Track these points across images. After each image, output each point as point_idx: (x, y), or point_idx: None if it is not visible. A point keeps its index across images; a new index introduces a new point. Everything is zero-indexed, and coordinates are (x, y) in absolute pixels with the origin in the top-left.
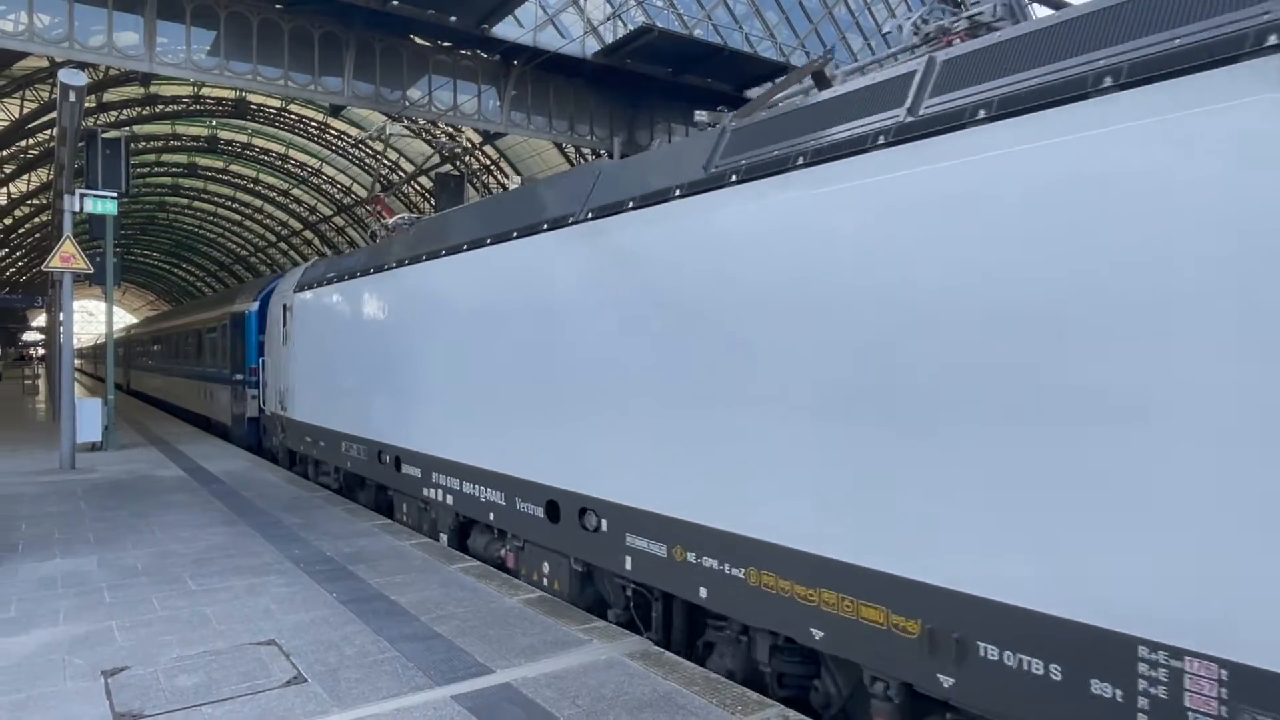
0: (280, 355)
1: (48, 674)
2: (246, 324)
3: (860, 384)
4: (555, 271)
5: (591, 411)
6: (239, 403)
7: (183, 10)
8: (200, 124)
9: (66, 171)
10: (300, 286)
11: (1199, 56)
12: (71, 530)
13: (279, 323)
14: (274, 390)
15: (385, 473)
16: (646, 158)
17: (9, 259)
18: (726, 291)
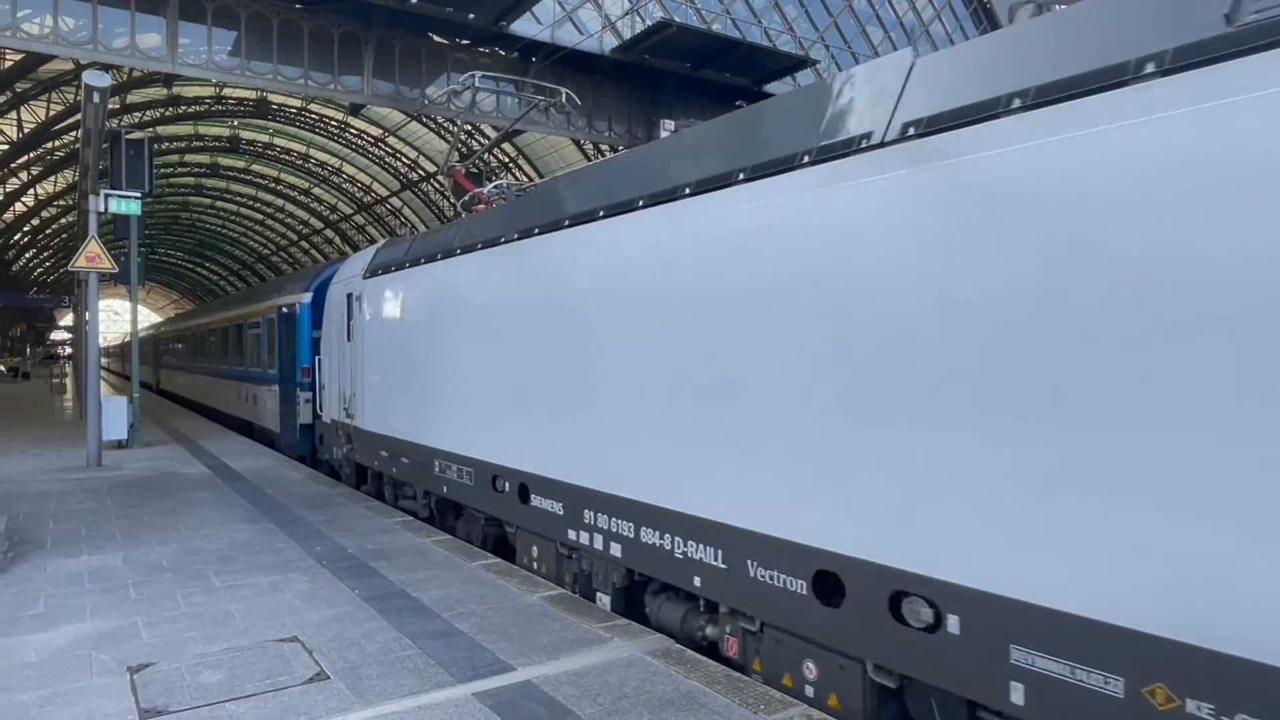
0: (344, 353)
1: (75, 669)
2: (298, 318)
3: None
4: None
5: (936, 435)
6: (289, 407)
7: (204, 11)
8: (222, 124)
9: (91, 172)
10: (372, 271)
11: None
12: (98, 527)
13: (341, 315)
14: (335, 394)
15: (502, 504)
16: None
17: (36, 259)
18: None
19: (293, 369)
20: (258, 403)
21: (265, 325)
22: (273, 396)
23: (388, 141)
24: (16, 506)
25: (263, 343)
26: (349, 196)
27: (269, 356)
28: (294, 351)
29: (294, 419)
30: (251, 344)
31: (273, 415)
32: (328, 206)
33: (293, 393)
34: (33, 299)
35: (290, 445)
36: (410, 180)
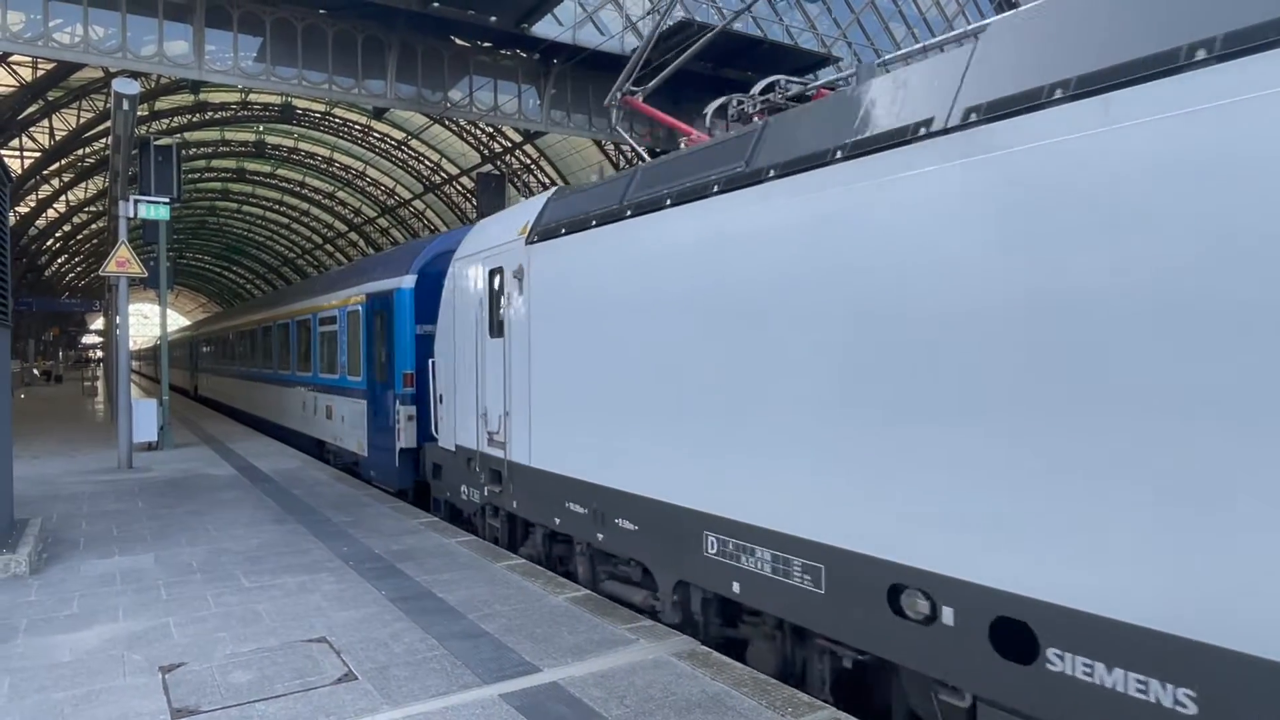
0: (484, 353)
1: (108, 669)
2: (394, 309)
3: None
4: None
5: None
6: (381, 425)
7: (230, 18)
8: (248, 129)
9: (121, 178)
10: (543, 231)
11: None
12: (129, 528)
13: (477, 301)
14: (463, 410)
15: (864, 623)
16: None
17: (68, 264)
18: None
19: (388, 375)
20: (333, 417)
21: (344, 320)
22: (355, 410)
23: (410, 145)
24: (50, 508)
25: (340, 342)
26: (372, 200)
27: (350, 359)
28: (389, 352)
29: (389, 440)
30: (324, 344)
31: (354, 434)
32: (352, 210)
33: (387, 406)
34: (64, 303)
35: (382, 473)
36: (433, 183)
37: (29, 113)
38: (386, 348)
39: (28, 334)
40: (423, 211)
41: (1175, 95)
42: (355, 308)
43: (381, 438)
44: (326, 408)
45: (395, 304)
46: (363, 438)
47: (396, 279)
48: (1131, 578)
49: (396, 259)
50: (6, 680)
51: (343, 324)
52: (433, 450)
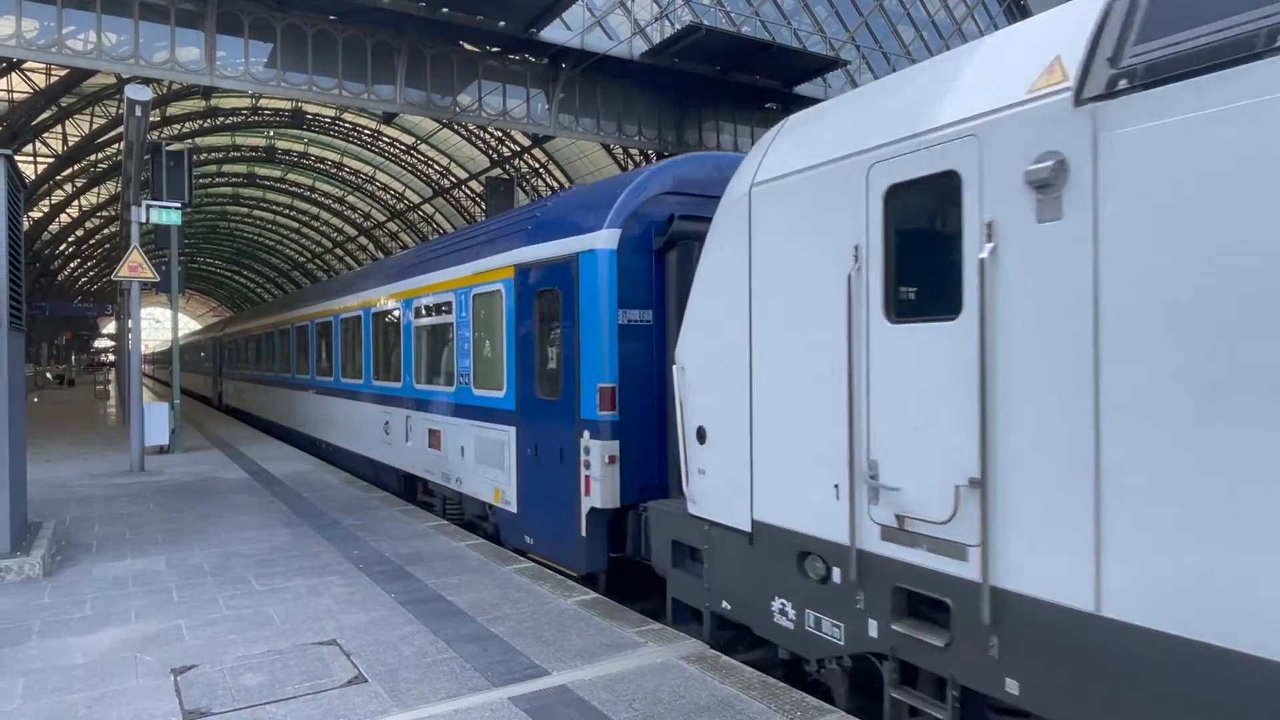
0: (859, 354)
1: (121, 671)
2: (579, 286)
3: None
4: None
5: None
6: (545, 467)
7: (241, 25)
8: (258, 135)
9: (133, 184)
10: (1146, 72)
11: None
12: (141, 531)
13: (836, 251)
14: (772, 458)
15: None
16: None
17: (81, 269)
18: None
19: (563, 390)
20: (441, 447)
21: (466, 307)
22: (490, 440)
23: (419, 149)
24: (64, 511)
25: (459, 339)
26: (382, 204)
27: (481, 365)
28: (566, 354)
29: (565, 492)
30: (424, 343)
31: (486, 475)
32: (361, 214)
33: (560, 438)
34: (77, 308)
35: (548, 542)
36: (442, 187)
37: (43, 118)
38: (561, 347)
39: (41, 338)
40: (432, 215)
41: None
42: (491, 288)
43: (547, 486)
44: (428, 433)
45: (580, 278)
46: (506, 483)
47: (579, 238)
48: None
49: (576, 205)
50: (21, 682)
51: (463, 313)
52: (672, 520)
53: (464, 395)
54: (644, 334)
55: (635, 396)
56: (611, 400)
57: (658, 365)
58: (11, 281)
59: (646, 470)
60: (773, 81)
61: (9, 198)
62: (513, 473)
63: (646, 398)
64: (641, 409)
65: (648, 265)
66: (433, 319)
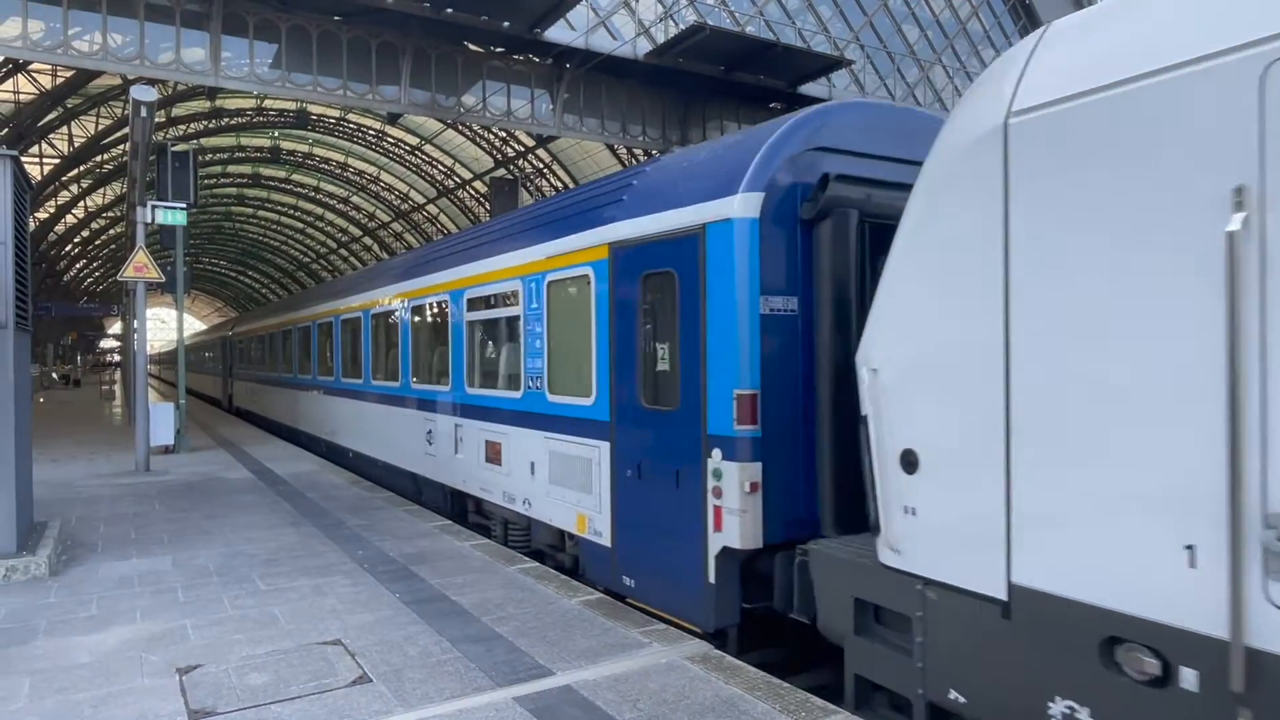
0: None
1: (126, 670)
2: (706, 267)
3: None
4: None
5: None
6: (654, 495)
7: (246, 25)
8: (263, 135)
9: (139, 184)
10: None
11: None
12: (147, 531)
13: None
14: (1071, 492)
15: None
16: None
17: (86, 269)
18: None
19: (681, 398)
20: (503, 461)
21: (539, 296)
22: (573, 457)
23: (424, 150)
24: (69, 510)
25: (530, 335)
26: (386, 204)
27: (559, 367)
28: (686, 353)
29: (688, 531)
30: (479, 340)
31: (568, 499)
32: (366, 214)
33: (685, 463)
34: (83, 308)
35: (658, 588)
36: (446, 188)
37: (48, 120)
38: (678, 344)
39: (47, 338)
40: (436, 216)
41: None
42: (574, 273)
43: (656, 517)
44: (484, 445)
45: (708, 255)
46: (594, 509)
47: (706, 205)
48: None
49: (694, 166)
50: (27, 681)
51: (534, 304)
52: (856, 571)
53: (534, 402)
54: (788, 327)
55: (779, 407)
56: (753, 411)
57: (803, 366)
58: (18, 282)
59: (792, 501)
60: (777, 81)
61: (15, 198)
62: (604, 497)
63: (792, 408)
64: (786, 422)
65: (792, 239)
66: (491, 312)
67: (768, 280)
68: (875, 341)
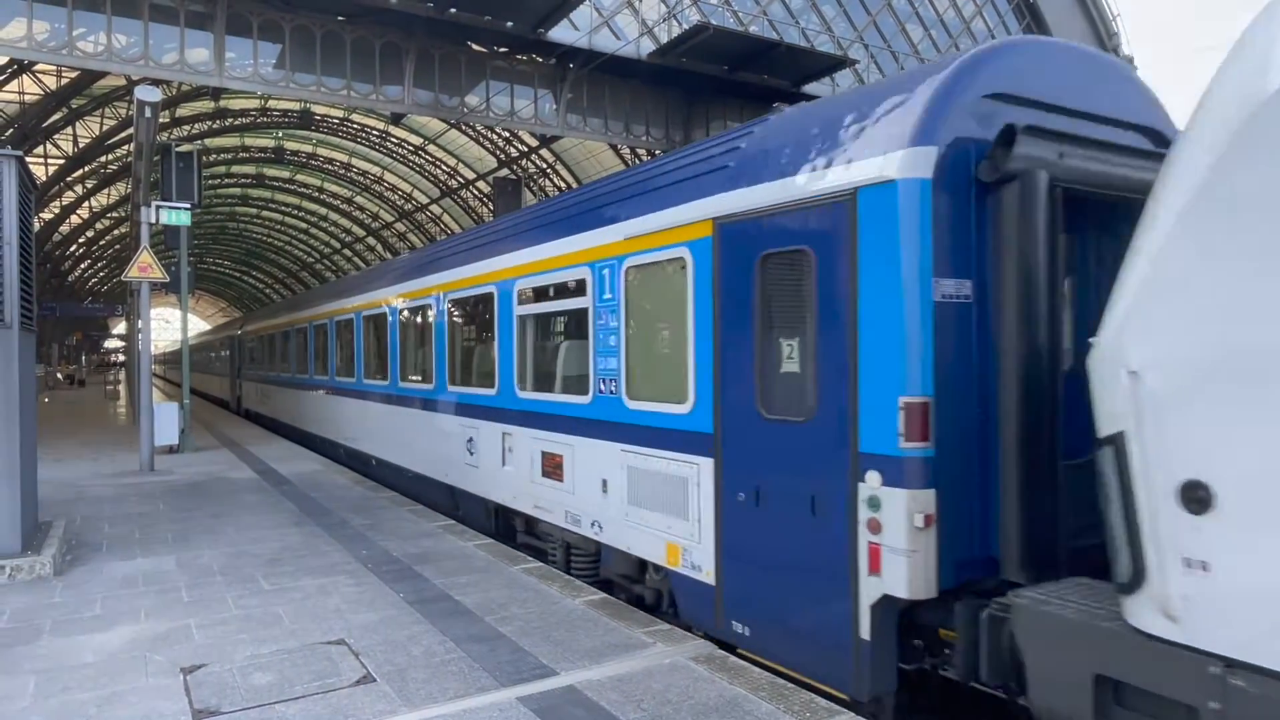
0: None
1: (131, 670)
2: (853, 244)
3: None
4: None
5: None
6: (774, 525)
7: (250, 26)
8: (267, 136)
9: (143, 185)
10: None
11: None
12: (151, 530)
13: None
14: None
15: None
16: None
17: (91, 270)
18: None
19: (830, 408)
20: (566, 477)
21: (614, 285)
22: (675, 481)
23: (428, 150)
24: (74, 510)
25: (599, 329)
26: (390, 204)
27: (661, 370)
28: (821, 350)
29: (829, 572)
30: (548, 337)
31: (669, 530)
32: (369, 215)
33: (826, 487)
34: (87, 308)
35: (803, 648)
36: (450, 188)
37: (53, 120)
38: (815, 338)
39: (51, 339)
40: (439, 216)
41: None
42: (662, 256)
43: (782, 552)
44: (541, 456)
45: (860, 228)
46: (691, 539)
47: (857, 165)
48: None
49: (830, 119)
50: (32, 680)
51: (607, 294)
52: (1097, 638)
53: (608, 408)
54: (962, 317)
55: (954, 418)
56: (924, 424)
57: (978, 367)
58: (22, 282)
59: (968, 536)
60: (780, 81)
61: (20, 199)
62: (706, 525)
63: (968, 419)
64: (963, 437)
65: (963, 207)
66: (549, 305)
67: (941, 258)
68: (1139, 334)
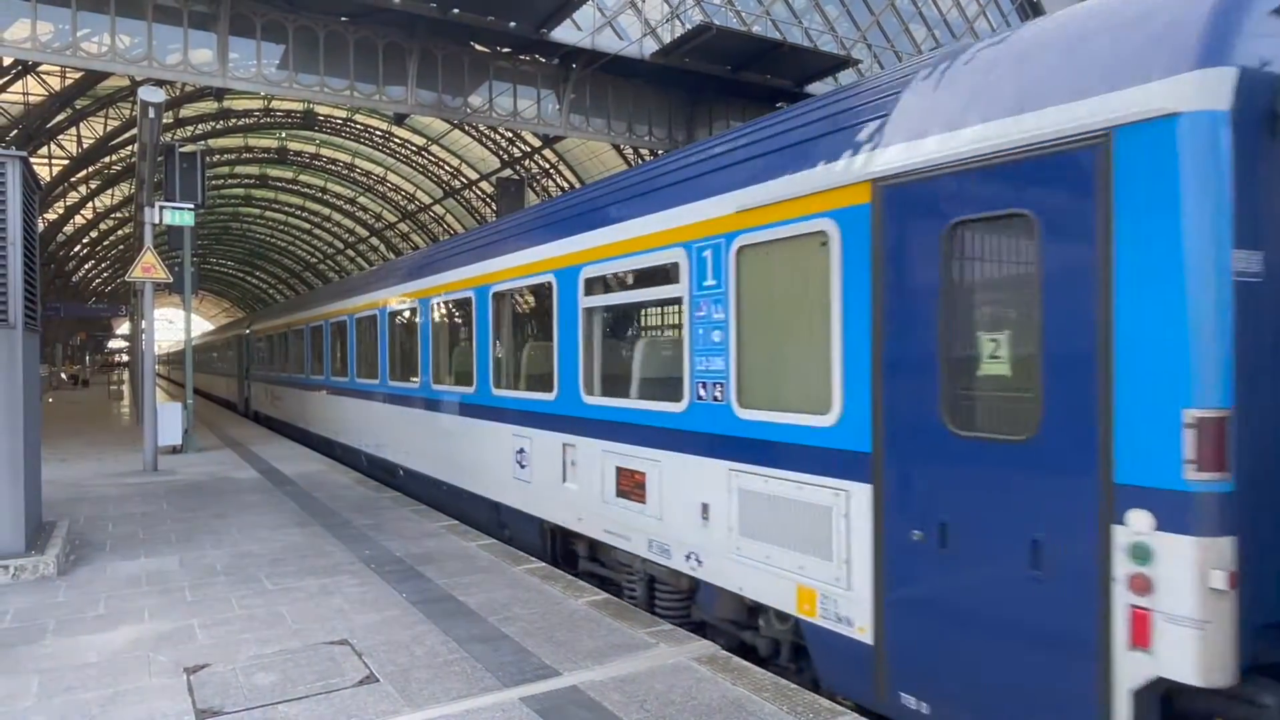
0: None
1: (134, 670)
2: (1106, 203)
3: None
4: None
5: None
6: (969, 574)
7: (253, 26)
8: (271, 136)
9: (147, 185)
10: None
11: None
12: (154, 530)
13: None
14: None
15: None
16: None
17: (95, 270)
18: None
19: (1061, 422)
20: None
21: (719, 271)
22: (811, 512)
23: (431, 150)
24: (78, 510)
25: (701, 326)
26: (393, 204)
27: (790, 372)
28: (1049, 345)
29: (1060, 641)
30: (626, 331)
31: (801, 570)
32: (372, 215)
33: (1053, 529)
34: (91, 308)
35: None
36: (453, 188)
37: (57, 121)
38: (1040, 331)
39: (55, 339)
40: (443, 216)
41: None
42: (793, 230)
43: (983, 614)
44: (616, 473)
45: (1119, 181)
46: (837, 583)
47: (1106, 98)
48: None
49: (1047, 39)
50: (36, 680)
51: (709, 280)
52: None
53: (711, 417)
54: (1260, 300)
55: (1260, 438)
56: (1219, 448)
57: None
58: (26, 282)
59: (1273, 597)
60: (784, 81)
61: (24, 200)
62: (860, 568)
63: (1272, 440)
64: (1267, 465)
65: (1256, 156)
66: (627, 295)
67: (1237, 222)
68: None
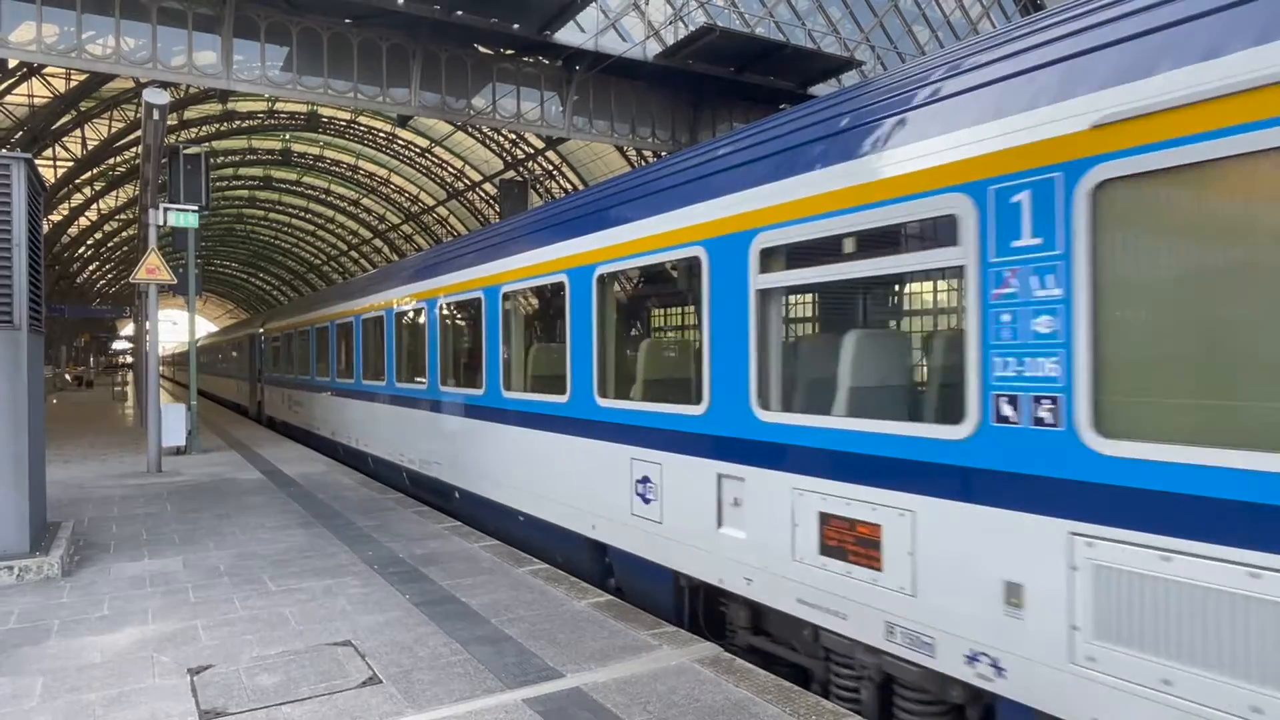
0: None
1: (138, 671)
2: None
3: None
4: None
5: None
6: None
7: (257, 28)
8: (275, 138)
9: (151, 187)
10: None
11: None
12: (158, 531)
13: None
14: None
15: None
16: None
17: (99, 271)
18: None
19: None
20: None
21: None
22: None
23: (434, 152)
24: (82, 511)
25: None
26: (396, 206)
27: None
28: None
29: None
30: (845, 324)
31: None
32: (376, 217)
33: None
34: (95, 310)
35: None
36: (456, 190)
37: (62, 123)
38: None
39: (60, 340)
40: (446, 218)
41: None
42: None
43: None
44: (821, 522)
45: None
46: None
47: None
48: None
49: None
50: (40, 681)
51: (1027, 238)
52: None
53: (1025, 449)
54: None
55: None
56: None
57: None
58: (31, 284)
59: None
60: (787, 82)
61: (29, 201)
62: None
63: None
64: None
65: None
66: (847, 266)
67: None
68: None
